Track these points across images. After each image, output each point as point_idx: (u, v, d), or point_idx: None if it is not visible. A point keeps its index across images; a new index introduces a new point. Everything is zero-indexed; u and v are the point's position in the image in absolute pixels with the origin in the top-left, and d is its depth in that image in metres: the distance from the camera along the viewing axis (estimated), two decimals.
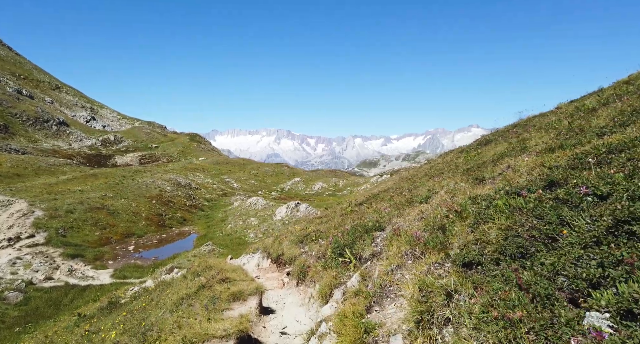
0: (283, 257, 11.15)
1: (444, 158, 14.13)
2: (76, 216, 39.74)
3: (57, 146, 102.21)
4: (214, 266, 11.45)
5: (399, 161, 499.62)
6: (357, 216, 10.17)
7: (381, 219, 6.47)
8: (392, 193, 11.05)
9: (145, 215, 46.17)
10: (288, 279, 9.67)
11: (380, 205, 9.37)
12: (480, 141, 13.43)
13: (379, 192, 13.27)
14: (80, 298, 22.47)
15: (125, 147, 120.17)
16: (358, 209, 11.54)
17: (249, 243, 36.34)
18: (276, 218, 44.07)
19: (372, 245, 5.63)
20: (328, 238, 9.04)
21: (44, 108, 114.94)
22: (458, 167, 9.88)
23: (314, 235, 10.33)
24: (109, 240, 38.09)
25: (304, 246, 10.30)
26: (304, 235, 10.92)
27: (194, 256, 30.27)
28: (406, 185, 11.51)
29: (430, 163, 14.84)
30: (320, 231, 10.45)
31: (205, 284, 8.69)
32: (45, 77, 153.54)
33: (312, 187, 79.38)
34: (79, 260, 30.24)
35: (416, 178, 12.31)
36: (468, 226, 3.65)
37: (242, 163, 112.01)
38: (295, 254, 9.96)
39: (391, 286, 4.06)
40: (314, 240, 10.17)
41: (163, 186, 58.00)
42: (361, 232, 6.38)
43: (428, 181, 9.98)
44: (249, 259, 14.68)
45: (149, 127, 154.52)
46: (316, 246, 9.24)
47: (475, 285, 2.67)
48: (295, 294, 8.39)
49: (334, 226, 10.24)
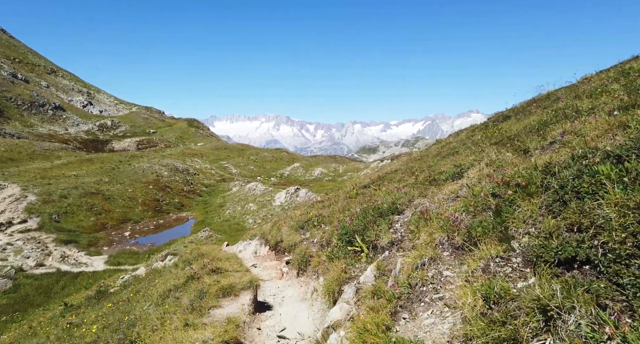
0: (282, 244, 10.16)
1: (456, 138, 13.02)
2: (70, 201, 38.77)
3: (53, 131, 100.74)
4: (207, 254, 10.47)
5: (399, 147, 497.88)
6: (365, 199, 9.13)
7: (398, 200, 5.42)
8: (402, 174, 9.97)
9: (141, 201, 45.22)
10: (287, 268, 8.69)
11: (390, 186, 8.31)
12: (496, 118, 12.29)
13: (386, 174, 12.20)
14: (72, 285, 21.64)
15: (122, 132, 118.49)
16: (364, 192, 10.50)
17: (248, 228, 35.49)
18: (275, 203, 43.16)
19: (390, 231, 4.61)
20: (333, 224, 8.01)
21: (39, 92, 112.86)
22: (477, 144, 8.79)
23: (316, 220, 9.31)
24: (104, 225, 37.21)
25: (305, 233, 9.28)
26: (304, 220, 9.90)
27: (190, 243, 29.42)
28: (417, 165, 10.44)
29: (440, 143, 13.74)
30: (323, 216, 9.43)
31: (194, 275, 7.70)
32: (41, 60, 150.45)
33: (312, 173, 78.34)
34: (72, 246, 29.39)
35: (427, 158, 11.23)
36: (542, 205, 2.62)
37: (240, 149, 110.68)
38: (296, 241, 8.95)
39: (423, 285, 3.04)
40: (316, 226, 9.16)
41: (160, 172, 56.91)
42: (374, 216, 5.34)
43: (444, 159, 8.91)
44: (245, 246, 13.72)
45: (146, 112, 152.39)
46: (319, 233, 8.22)
47: (597, 297, 1.65)
48: (296, 286, 7.41)
49: (338, 210, 9.21)
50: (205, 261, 8.97)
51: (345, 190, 13.38)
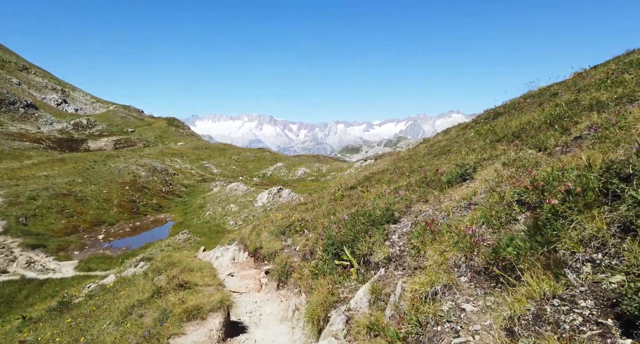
0: (262, 251, 9.32)
1: (445, 136, 12.44)
2: (40, 203, 36.77)
3: (25, 130, 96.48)
4: (178, 263, 9.54)
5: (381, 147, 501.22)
6: (351, 202, 8.40)
7: (392, 205, 4.68)
8: (392, 175, 9.28)
9: (117, 202, 43.41)
10: (267, 279, 7.86)
11: (380, 188, 7.59)
12: (486, 116, 11.75)
13: (372, 174, 11.51)
14: (37, 293, 20.18)
15: (99, 131, 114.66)
16: (350, 194, 9.77)
17: (228, 230, 34.37)
18: (257, 204, 42.11)
19: (386, 245, 3.87)
20: (317, 230, 7.24)
21: (9, 89, 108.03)
22: (471, 142, 8.17)
23: (298, 225, 8.52)
24: (76, 228, 35.41)
25: (286, 239, 8.48)
26: (286, 225, 9.10)
27: (167, 246, 28.18)
28: (406, 164, 9.77)
29: (427, 142, 13.14)
30: (305, 221, 8.65)
31: (159, 289, 6.80)
32: (12, 57, 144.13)
33: (295, 172, 77.40)
34: (40, 250, 27.68)
35: (417, 157, 10.58)
36: (614, 222, 1.91)
37: (222, 148, 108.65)
38: (276, 248, 8.13)
39: (437, 324, 2.30)
40: (299, 231, 8.37)
41: (137, 172, 54.94)
42: (365, 224, 4.60)
43: (437, 158, 8.24)
44: (223, 252, 12.79)
45: (124, 110, 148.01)
46: (301, 240, 7.43)
47: None
48: (275, 300, 6.60)
49: (322, 215, 8.45)
50: (175, 272, 8.06)
51: (330, 191, 12.64)
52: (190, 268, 8.19)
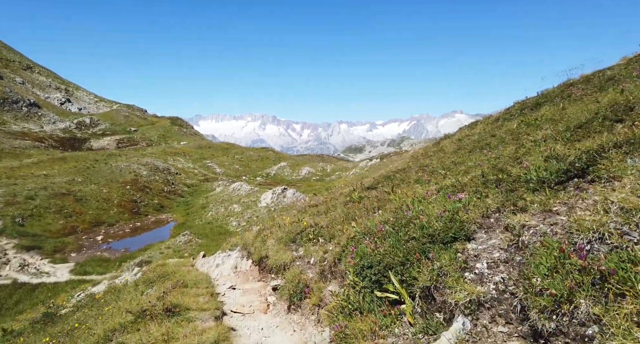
0: (267, 261, 8.05)
1: (471, 130, 11.10)
2: (37, 203, 35.74)
3: (28, 128, 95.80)
4: (171, 275, 8.31)
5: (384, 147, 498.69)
6: (372, 205, 7.13)
7: (458, 215, 3.34)
8: (419, 173, 7.99)
9: (117, 202, 42.33)
10: (275, 297, 6.60)
11: (410, 189, 6.30)
12: (520, 107, 10.41)
13: (392, 173, 10.21)
14: (28, 299, 19.03)
15: (101, 130, 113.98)
16: (369, 195, 8.49)
17: (231, 232, 33.19)
18: (261, 204, 40.91)
19: (469, 278, 2.56)
20: (336, 239, 5.96)
21: (13, 88, 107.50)
22: (520, 134, 6.87)
23: (311, 232, 7.24)
24: (74, 229, 34.33)
25: (297, 249, 7.21)
26: (296, 232, 7.83)
27: (167, 248, 27.01)
28: (435, 162, 8.48)
29: (451, 137, 11.81)
30: (320, 227, 7.37)
31: (144, 312, 5.55)
32: (16, 56, 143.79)
33: (299, 172, 76.16)
34: (35, 252, 26.59)
35: (444, 153, 9.27)
36: None
37: (225, 148, 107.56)
38: (285, 260, 6.86)
39: None
40: (312, 240, 7.10)
41: (139, 171, 53.89)
42: (419, 240, 3.29)
43: (476, 154, 6.95)
44: (224, 258, 11.54)
45: (128, 110, 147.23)
46: (317, 251, 6.16)
47: None
48: (287, 328, 5.34)
49: (340, 220, 7.17)
50: (166, 287, 6.81)
51: (343, 191, 11.35)
52: (184, 283, 6.95)
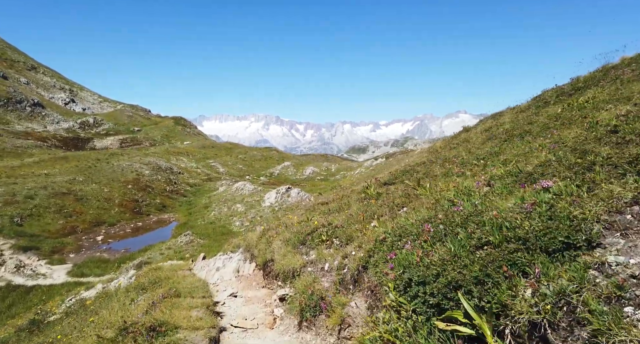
0: (273, 266, 7.10)
1: (498, 120, 10.05)
2: (37, 202, 35.01)
3: (31, 128, 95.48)
4: (165, 280, 7.36)
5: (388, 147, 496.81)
6: (394, 202, 6.15)
7: (567, 213, 2.30)
8: (447, 166, 7.01)
9: (118, 201, 41.55)
10: (282, 310, 5.64)
11: (444, 184, 5.33)
12: (556, 93, 9.34)
13: (411, 167, 9.21)
14: (22, 302, 18.18)
15: (105, 130, 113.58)
16: (388, 191, 7.51)
17: (234, 232, 32.27)
18: (265, 204, 39.99)
19: (634, 317, 1.57)
20: (356, 242, 4.98)
21: (16, 88, 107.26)
22: (565, 119, 5.87)
23: (324, 233, 6.27)
24: (74, 229, 33.55)
25: (308, 252, 6.24)
26: (306, 232, 6.86)
27: (168, 249, 26.14)
28: (464, 153, 7.49)
29: (475, 129, 10.78)
30: (333, 227, 6.39)
31: (127, 328, 4.61)
32: (21, 57, 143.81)
33: (303, 172, 75.22)
34: (32, 253, 25.79)
35: (473, 145, 8.26)
36: None
37: (229, 147, 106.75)
38: (294, 265, 5.90)
39: None
40: (325, 242, 6.13)
41: (141, 170, 53.15)
42: (506, 248, 2.25)
43: (516, 143, 5.97)
44: (225, 261, 10.59)
45: (131, 110, 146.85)
46: (334, 256, 5.20)
47: None
48: None
49: (358, 219, 6.20)
50: (157, 295, 5.86)
51: (355, 188, 10.38)
52: (177, 291, 6.00)
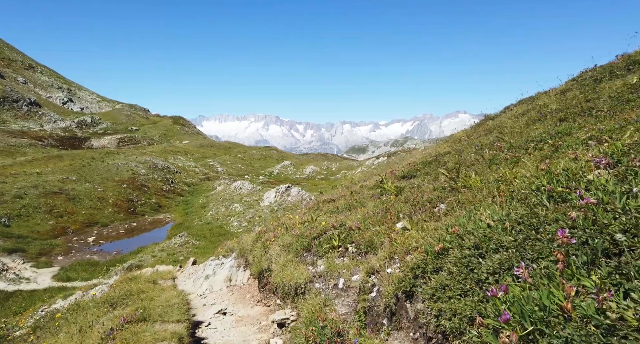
0: (271, 277, 5.69)
1: (534, 103, 8.61)
2: (26, 202, 33.56)
3: (27, 127, 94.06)
4: (137, 295, 5.96)
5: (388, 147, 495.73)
6: (426, 197, 4.76)
7: None
8: (491, 151, 5.61)
9: (112, 201, 40.09)
10: (281, 340, 4.21)
11: (509, 172, 3.93)
12: (610, 69, 7.93)
13: (431, 158, 7.80)
14: (0, 310, 16.77)
15: (103, 130, 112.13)
16: (412, 185, 6.12)
17: (231, 233, 30.86)
18: (264, 203, 38.57)
19: None
20: (385, 251, 3.57)
21: (13, 87, 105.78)
22: None
23: (335, 236, 4.86)
24: (64, 230, 32.11)
25: (315, 261, 4.83)
26: (312, 235, 5.45)
27: (161, 251, 24.73)
28: (507, 137, 6.09)
29: (506, 113, 9.32)
30: (347, 229, 4.99)
31: None
32: (18, 56, 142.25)
33: (303, 171, 73.79)
34: (17, 255, 24.37)
35: (513, 129, 6.85)
36: None
37: (227, 147, 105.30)
38: (298, 280, 4.49)
39: None
40: (337, 248, 4.73)
41: (137, 169, 51.67)
42: None
43: (579, 120, 4.55)
44: (216, 268, 9.18)
45: (130, 109, 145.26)
46: (351, 268, 3.82)
47: None
48: None
49: (377, 219, 4.81)
50: (117, 322, 4.45)
51: (366, 184, 8.96)
52: (144, 314, 4.58)
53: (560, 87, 8.92)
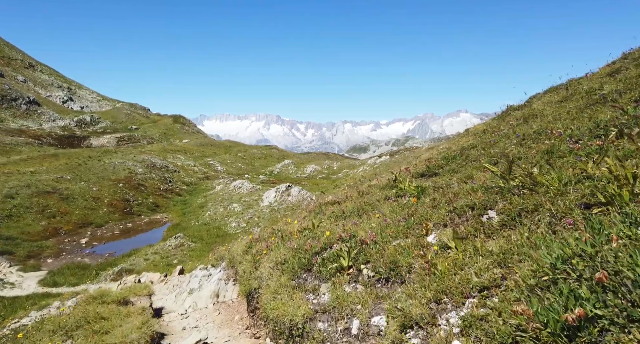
0: (260, 302, 4.46)
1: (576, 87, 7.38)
2: (17, 202, 32.45)
3: (26, 126, 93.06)
4: (93, 324, 4.74)
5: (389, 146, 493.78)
6: (468, 201, 3.56)
7: None
8: (538, 143, 4.38)
9: (108, 201, 38.95)
10: None
11: None
12: None
13: (453, 153, 6.57)
14: None
15: (102, 128, 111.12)
16: (433, 185, 4.90)
17: (229, 234, 29.69)
18: (263, 203, 37.39)
19: None
20: (425, 281, 2.36)
21: (12, 86, 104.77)
22: None
23: (344, 253, 3.64)
24: (57, 231, 30.99)
25: (316, 288, 3.61)
26: (313, 250, 4.22)
27: (154, 253, 23.55)
28: (559, 125, 4.87)
29: (539, 100, 8.11)
30: (359, 242, 3.77)
31: None
32: (18, 54, 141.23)
33: (304, 170, 72.60)
34: (4, 258, 23.24)
35: (548, 116, 5.63)
36: None
37: (228, 146, 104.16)
38: (294, 317, 3.27)
39: None
40: (347, 269, 3.51)
41: (134, 168, 50.54)
42: None
43: None
44: (203, 280, 7.97)
45: (130, 108, 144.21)
46: (367, 303, 2.57)
47: None
48: None
49: (400, 229, 3.59)
50: None
51: (375, 183, 7.72)
52: None
53: (598, 72, 7.69)
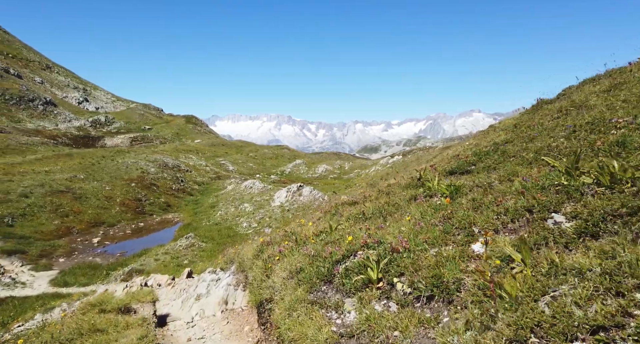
0: (273, 314, 3.91)
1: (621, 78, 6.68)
2: (31, 201, 32.63)
3: (42, 126, 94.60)
4: (89, 335, 4.27)
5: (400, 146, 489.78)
6: (507, 201, 2.95)
7: None
8: (614, 130, 3.72)
9: (120, 200, 39.00)
10: None
11: None
12: None
13: (485, 149, 5.94)
14: None
15: (116, 129, 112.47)
16: (470, 184, 4.30)
17: (240, 234, 29.30)
18: (275, 203, 36.95)
19: None
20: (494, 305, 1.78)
21: (29, 87, 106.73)
22: None
23: (371, 262, 3.05)
24: (69, 230, 31.03)
25: (339, 304, 3.02)
26: (334, 259, 3.65)
27: (165, 253, 23.27)
28: (621, 114, 4.21)
29: (579, 93, 7.43)
30: (390, 250, 3.18)
31: None
32: (36, 56, 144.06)
33: (315, 170, 72.06)
34: (17, 257, 23.22)
35: (598, 108, 4.97)
36: None
37: (239, 145, 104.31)
38: (314, 343, 2.68)
39: None
40: (377, 283, 2.92)
41: (146, 168, 50.68)
42: None
43: None
44: (211, 285, 7.47)
45: (143, 108, 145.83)
46: (408, 327, 1.96)
47: None
48: None
49: (437, 236, 2.97)
50: None
51: (395, 182, 7.11)
52: None
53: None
